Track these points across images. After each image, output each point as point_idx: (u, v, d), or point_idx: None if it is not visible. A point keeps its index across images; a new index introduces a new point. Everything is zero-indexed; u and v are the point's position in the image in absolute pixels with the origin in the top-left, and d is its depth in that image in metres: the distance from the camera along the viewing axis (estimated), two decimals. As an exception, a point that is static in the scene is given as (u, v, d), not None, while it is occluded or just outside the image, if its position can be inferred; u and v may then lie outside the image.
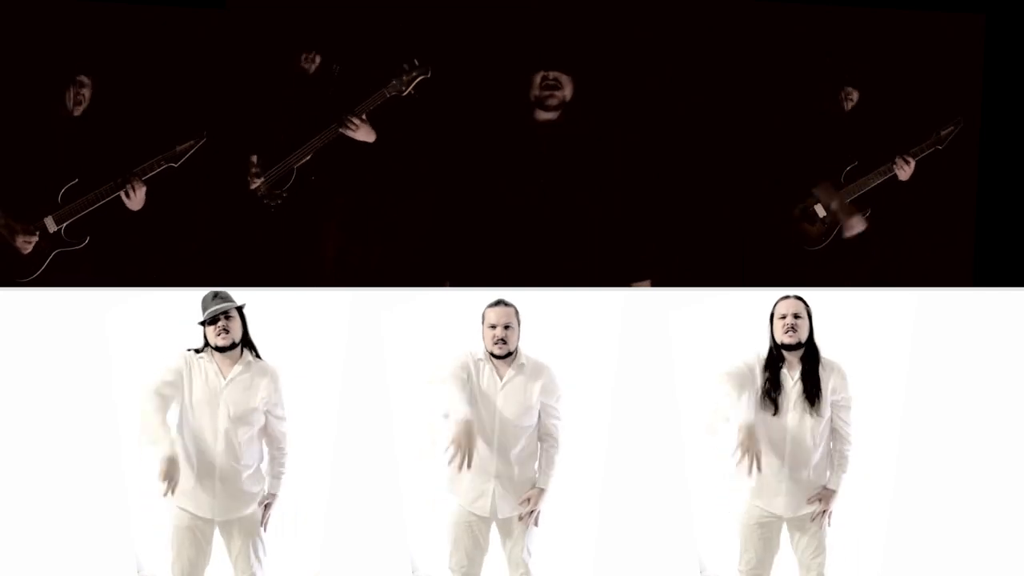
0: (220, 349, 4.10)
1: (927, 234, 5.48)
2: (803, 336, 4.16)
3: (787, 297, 4.20)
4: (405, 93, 5.11)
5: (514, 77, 5.21)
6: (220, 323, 4.09)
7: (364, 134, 5.14)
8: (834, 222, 5.37)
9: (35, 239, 5.04)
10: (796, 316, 4.16)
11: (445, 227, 5.22)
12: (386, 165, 5.26)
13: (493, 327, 4.17)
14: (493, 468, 4.17)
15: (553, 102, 5.14)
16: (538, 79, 5.14)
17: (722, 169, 5.38)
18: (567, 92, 5.14)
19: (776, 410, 4.14)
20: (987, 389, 4.37)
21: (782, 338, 4.16)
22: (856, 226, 5.38)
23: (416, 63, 5.10)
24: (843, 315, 4.37)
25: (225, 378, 4.10)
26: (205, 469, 4.08)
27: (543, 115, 5.17)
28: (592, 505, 4.37)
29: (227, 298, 4.13)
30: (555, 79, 5.12)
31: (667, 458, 4.34)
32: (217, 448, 4.08)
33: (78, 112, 5.10)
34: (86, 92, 5.09)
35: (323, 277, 5.22)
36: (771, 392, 4.14)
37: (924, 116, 5.36)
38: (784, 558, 4.28)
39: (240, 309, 4.12)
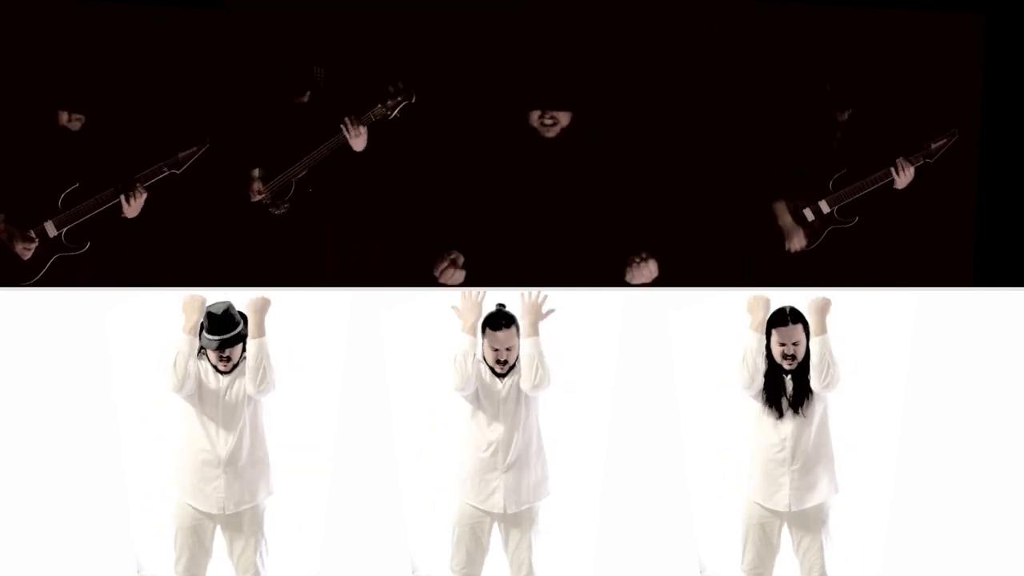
0: (220, 372, 4.13)
1: (927, 234, 5.48)
2: (800, 358, 4.19)
3: (787, 324, 4.18)
4: (391, 117, 5.11)
5: (514, 78, 5.21)
6: (224, 353, 4.11)
7: (358, 143, 5.15)
8: (822, 225, 5.37)
9: (34, 246, 5.03)
10: (795, 344, 4.18)
11: (445, 227, 5.22)
12: (386, 165, 5.26)
13: (496, 350, 4.18)
14: (503, 464, 4.17)
15: (551, 135, 5.15)
16: (535, 115, 5.13)
17: (722, 169, 5.38)
18: (564, 122, 5.14)
19: (780, 415, 4.16)
20: (987, 389, 4.37)
21: (780, 361, 4.19)
22: (797, 244, 5.39)
23: (401, 87, 5.10)
24: (843, 315, 4.37)
25: (223, 374, 4.13)
26: (210, 463, 4.11)
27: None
28: (592, 505, 4.37)
29: (234, 323, 4.12)
30: (554, 117, 5.12)
31: (667, 458, 4.34)
32: (220, 441, 4.10)
33: (77, 128, 5.09)
34: (78, 121, 5.08)
35: (323, 277, 5.22)
36: (774, 398, 4.16)
37: (924, 117, 5.36)
38: (784, 559, 4.28)
39: (244, 337, 4.14)
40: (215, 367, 4.13)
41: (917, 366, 4.38)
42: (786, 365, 4.19)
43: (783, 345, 4.18)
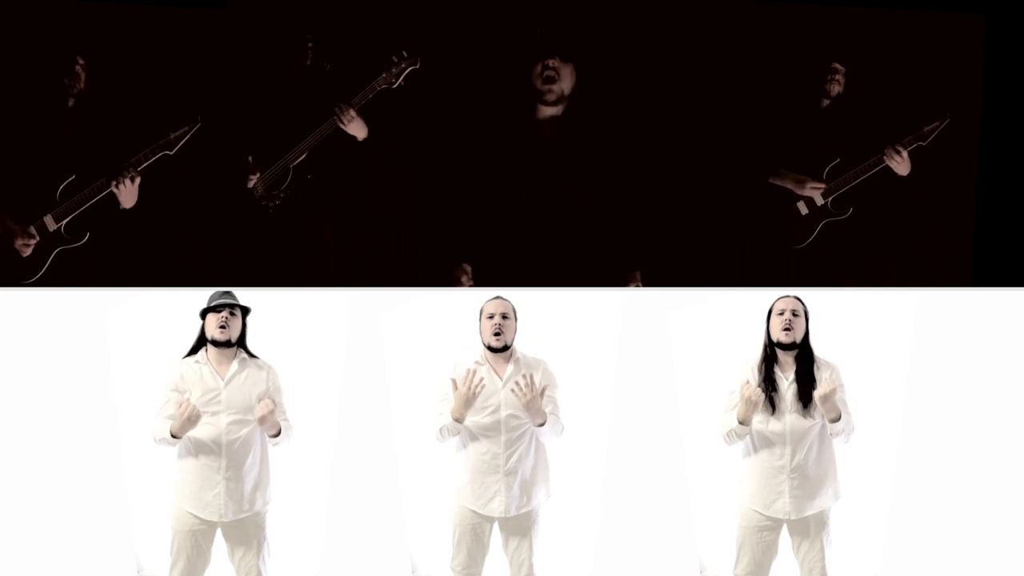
0: (216, 344, 4.09)
1: (927, 234, 5.48)
2: (798, 336, 4.15)
3: (786, 296, 4.19)
4: (396, 85, 5.10)
5: (515, 73, 5.20)
6: (223, 313, 4.08)
7: (356, 128, 5.13)
8: (816, 219, 5.37)
9: (34, 242, 5.03)
10: (794, 313, 4.15)
11: (445, 228, 5.22)
12: (385, 163, 5.26)
13: (491, 317, 4.18)
14: (503, 467, 4.16)
15: (551, 97, 5.12)
16: (538, 69, 5.12)
17: (722, 169, 5.39)
18: (566, 85, 5.11)
19: (773, 410, 4.13)
20: (987, 389, 4.37)
21: (779, 336, 4.15)
22: (809, 191, 5.37)
23: (405, 54, 5.09)
24: (843, 315, 4.37)
25: (223, 379, 4.10)
26: (211, 471, 4.08)
27: (544, 111, 5.16)
28: (592, 505, 4.37)
29: (235, 299, 4.13)
30: (554, 68, 5.09)
31: (667, 458, 4.34)
32: (221, 449, 4.07)
33: (76, 89, 5.08)
34: (80, 72, 5.07)
35: (323, 277, 5.22)
36: (767, 391, 4.13)
37: (924, 116, 5.36)
38: (782, 561, 4.26)
39: (245, 312, 4.13)
40: (213, 340, 4.08)
41: (917, 366, 4.38)
42: (785, 338, 4.13)
43: (782, 314, 4.15)
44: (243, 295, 4.16)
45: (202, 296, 4.14)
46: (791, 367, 4.16)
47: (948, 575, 4.35)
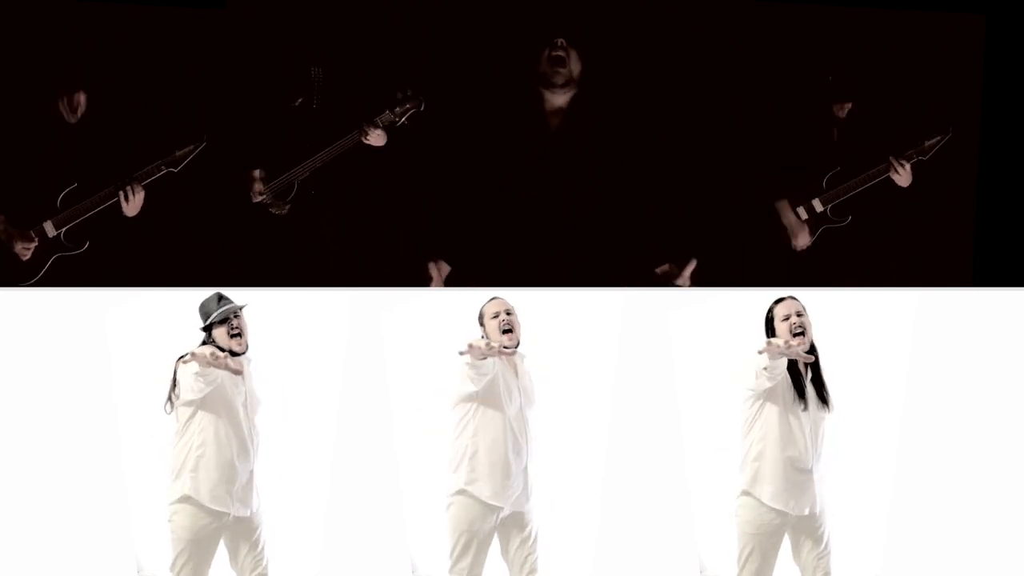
0: (235, 354, 4.07)
1: (927, 234, 5.49)
2: (811, 336, 4.14)
3: (783, 299, 4.18)
4: (399, 124, 5.11)
5: (515, 72, 5.20)
6: (233, 323, 4.07)
7: (377, 139, 5.14)
8: (815, 224, 5.37)
9: (34, 245, 5.03)
10: (798, 314, 4.14)
11: (446, 228, 5.23)
12: (388, 165, 5.27)
13: (495, 316, 4.17)
14: (523, 461, 4.17)
15: (559, 79, 5.09)
16: (545, 52, 5.11)
17: (722, 169, 5.39)
18: (575, 67, 5.10)
19: (806, 406, 4.13)
20: (987, 389, 4.37)
21: (791, 342, 4.13)
22: (802, 242, 5.38)
23: (409, 94, 5.09)
24: (843, 315, 4.37)
25: (242, 376, 4.10)
26: (230, 470, 4.07)
27: (551, 98, 5.14)
28: (592, 505, 4.37)
29: (230, 300, 4.12)
30: (563, 47, 5.07)
31: (667, 458, 4.34)
32: (243, 447, 4.08)
33: (75, 119, 5.08)
34: (80, 98, 5.07)
35: (323, 277, 5.23)
36: (798, 388, 4.13)
37: (923, 117, 5.36)
38: (782, 561, 4.26)
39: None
40: (230, 351, 4.06)
41: (917, 366, 4.38)
42: (798, 344, 4.13)
43: (787, 319, 4.14)
44: (243, 295, 4.16)
45: (202, 296, 4.14)
46: (806, 369, 4.17)
47: (948, 575, 4.36)
